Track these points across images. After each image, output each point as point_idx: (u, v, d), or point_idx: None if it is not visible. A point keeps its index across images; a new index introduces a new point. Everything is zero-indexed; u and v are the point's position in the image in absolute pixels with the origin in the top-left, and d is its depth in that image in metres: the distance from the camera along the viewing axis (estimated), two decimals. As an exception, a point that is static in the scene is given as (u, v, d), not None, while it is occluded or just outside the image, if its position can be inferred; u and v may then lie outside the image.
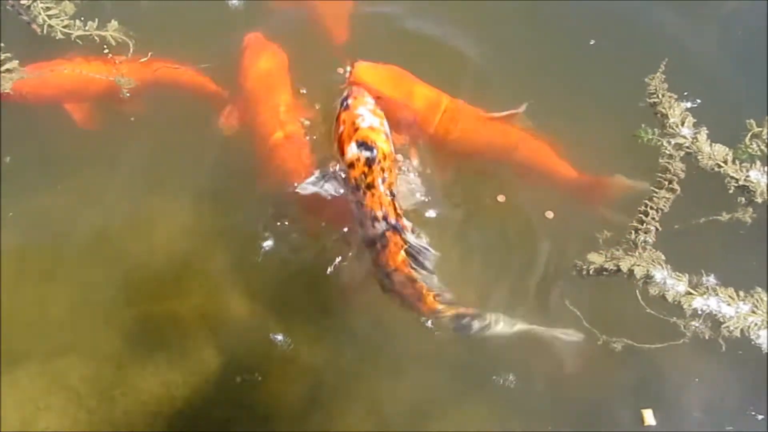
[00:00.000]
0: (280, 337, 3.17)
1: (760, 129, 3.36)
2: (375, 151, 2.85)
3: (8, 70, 3.36)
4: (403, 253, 2.86)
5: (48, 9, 3.38)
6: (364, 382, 3.20)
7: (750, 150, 3.34)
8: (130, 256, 3.37)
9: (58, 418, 3.09)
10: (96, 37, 3.37)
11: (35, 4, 3.40)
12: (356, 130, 2.88)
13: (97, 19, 3.43)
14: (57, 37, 3.38)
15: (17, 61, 3.40)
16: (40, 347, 3.20)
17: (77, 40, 3.40)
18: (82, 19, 3.46)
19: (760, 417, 3.16)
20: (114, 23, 3.36)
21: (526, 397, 3.18)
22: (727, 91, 3.72)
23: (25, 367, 3.15)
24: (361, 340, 3.25)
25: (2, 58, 3.37)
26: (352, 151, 2.86)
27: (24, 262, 3.35)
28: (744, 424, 3.17)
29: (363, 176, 2.85)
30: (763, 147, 3.34)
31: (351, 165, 2.86)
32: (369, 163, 2.85)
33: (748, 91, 3.73)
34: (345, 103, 2.98)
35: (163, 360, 3.19)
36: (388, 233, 2.85)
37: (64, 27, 3.33)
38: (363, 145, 2.86)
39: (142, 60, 3.50)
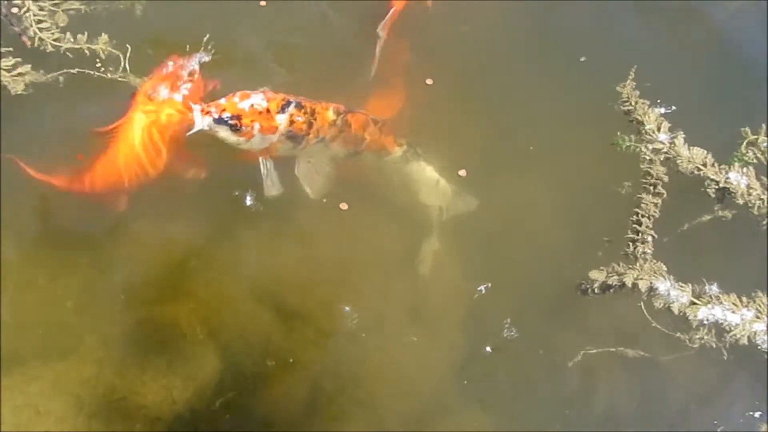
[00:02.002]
0: (347, 308, 3.29)
1: (756, 137, 3.34)
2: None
3: (20, 74, 3.38)
4: None
5: (40, 21, 3.37)
6: (365, 388, 3.27)
7: (746, 158, 3.32)
8: (130, 259, 3.40)
9: (57, 423, 3.09)
10: (86, 51, 3.37)
11: (27, 14, 3.39)
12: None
13: (86, 33, 3.43)
14: (47, 50, 3.38)
15: (29, 66, 3.40)
16: (40, 351, 3.21)
17: (67, 53, 3.40)
18: (67, 33, 3.44)
19: (758, 414, 3.23)
20: (104, 36, 3.36)
21: (525, 401, 3.29)
22: (724, 94, 3.71)
23: (25, 370, 3.16)
24: (361, 344, 3.31)
25: (13, 62, 3.38)
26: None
27: (24, 265, 3.36)
28: (739, 423, 3.25)
29: None
30: (759, 155, 3.32)
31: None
32: None
33: (747, 96, 3.73)
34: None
35: (163, 364, 3.22)
36: None
37: (54, 40, 3.33)
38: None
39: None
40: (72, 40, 3.36)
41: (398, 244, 3.56)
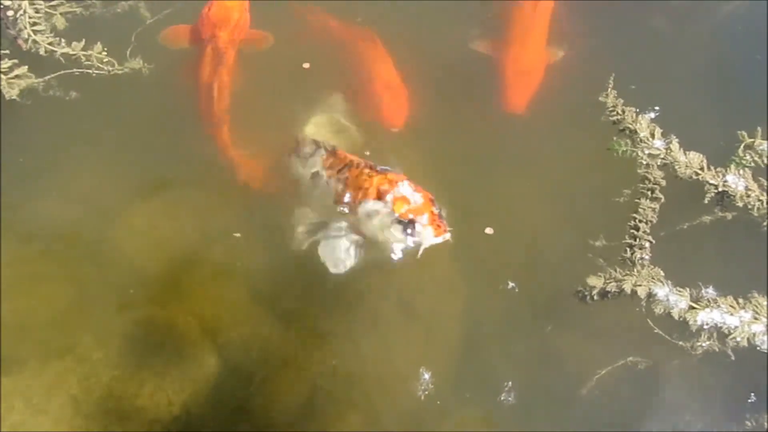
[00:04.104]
0: (426, 376, 3.23)
1: (752, 140, 3.32)
2: None
3: (17, 76, 3.38)
4: None
5: (35, 24, 3.36)
6: (363, 389, 3.27)
7: (744, 162, 3.30)
8: (128, 260, 3.41)
9: (54, 423, 3.10)
10: (81, 57, 3.36)
11: (23, 17, 3.38)
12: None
13: (84, 39, 3.43)
14: (40, 53, 3.38)
15: (26, 67, 3.41)
16: (37, 351, 3.23)
17: (60, 58, 3.40)
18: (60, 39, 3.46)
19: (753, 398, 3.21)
20: (99, 46, 3.34)
21: (525, 404, 3.25)
22: (722, 96, 3.68)
23: (22, 371, 3.17)
24: (360, 346, 3.32)
25: (10, 64, 3.38)
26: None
27: (22, 266, 3.38)
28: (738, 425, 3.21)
29: None
30: (757, 158, 3.30)
31: None
32: None
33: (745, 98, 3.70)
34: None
35: (160, 365, 3.24)
36: None
37: (49, 44, 3.33)
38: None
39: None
40: (62, 44, 3.36)
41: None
